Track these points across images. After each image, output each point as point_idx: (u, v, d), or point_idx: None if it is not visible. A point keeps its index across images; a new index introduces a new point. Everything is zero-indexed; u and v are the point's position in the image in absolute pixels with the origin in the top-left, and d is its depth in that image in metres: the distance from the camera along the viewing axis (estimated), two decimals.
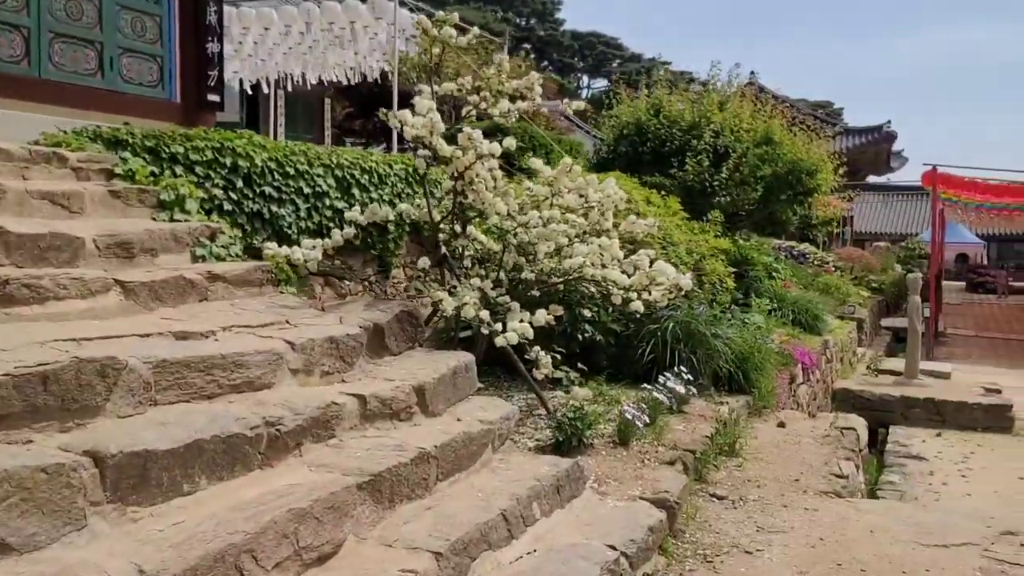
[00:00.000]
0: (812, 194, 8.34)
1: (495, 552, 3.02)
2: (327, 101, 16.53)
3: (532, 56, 28.98)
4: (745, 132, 10.48)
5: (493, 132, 5.85)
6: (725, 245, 9.52)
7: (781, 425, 6.09)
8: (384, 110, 5.41)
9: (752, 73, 39.80)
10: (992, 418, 10.58)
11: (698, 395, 5.68)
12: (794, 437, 5.78)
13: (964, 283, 41.79)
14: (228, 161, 5.08)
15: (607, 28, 70.47)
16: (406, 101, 6.55)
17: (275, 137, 12.59)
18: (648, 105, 12.10)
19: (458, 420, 3.73)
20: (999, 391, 11.63)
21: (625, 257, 4.95)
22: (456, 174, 5.01)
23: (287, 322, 3.82)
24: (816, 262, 20.97)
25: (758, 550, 3.88)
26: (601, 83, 70.66)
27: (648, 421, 4.75)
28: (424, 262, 5.26)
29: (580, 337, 5.54)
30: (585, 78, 67.66)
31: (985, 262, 48.19)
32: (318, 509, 2.63)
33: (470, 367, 4.24)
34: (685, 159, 10.70)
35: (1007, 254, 50.66)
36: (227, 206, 5.03)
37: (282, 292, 4.67)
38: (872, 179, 43.82)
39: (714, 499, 4.53)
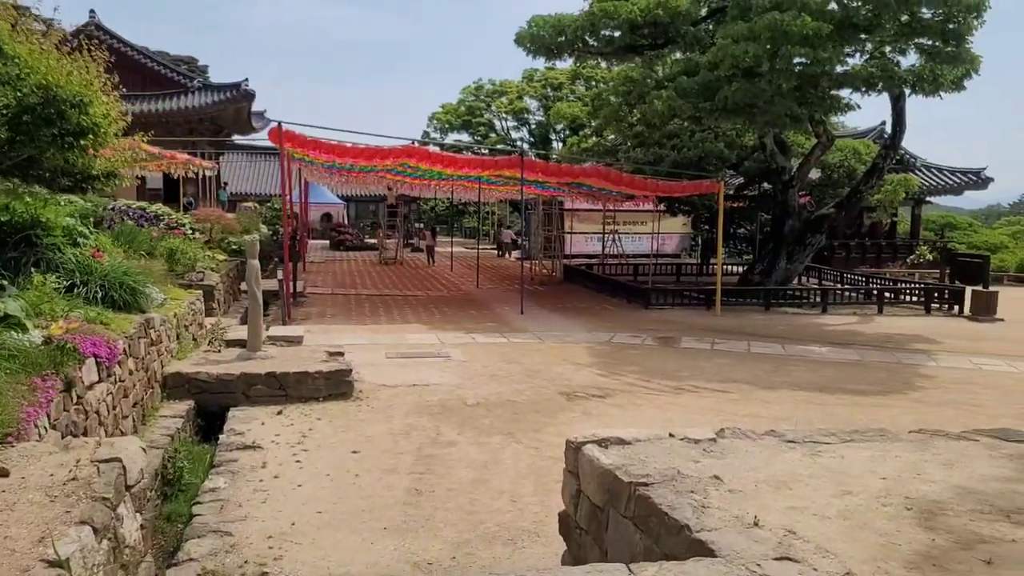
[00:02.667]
0: (87, 135, 6.24)
1: None
2: None
3: None
4: None
5: None
6: None
7: (3, 474, 3.98)
8: None
9: (91, 12, 35.55)
10: (333, 385, 10.06)
11: None
12: (13, 494, 3.74)
13: (328, 241, 44.46)
14: None
15: None
16: None
17: None
18: None
19: None
20: (342, 354, 11.31)
21: None
22: None
23: None
24: (170, 225, 18.94)
25: None
26: None
27: None
28: None
29: None
30: None
31: (346, 221, 52.22)
32: None
33: None
34: None
35: (364, 213, 55.94)
36: None
37: None
38: (239, 139, 43.23)
39: None
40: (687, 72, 17.00)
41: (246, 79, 35.79)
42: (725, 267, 29.99)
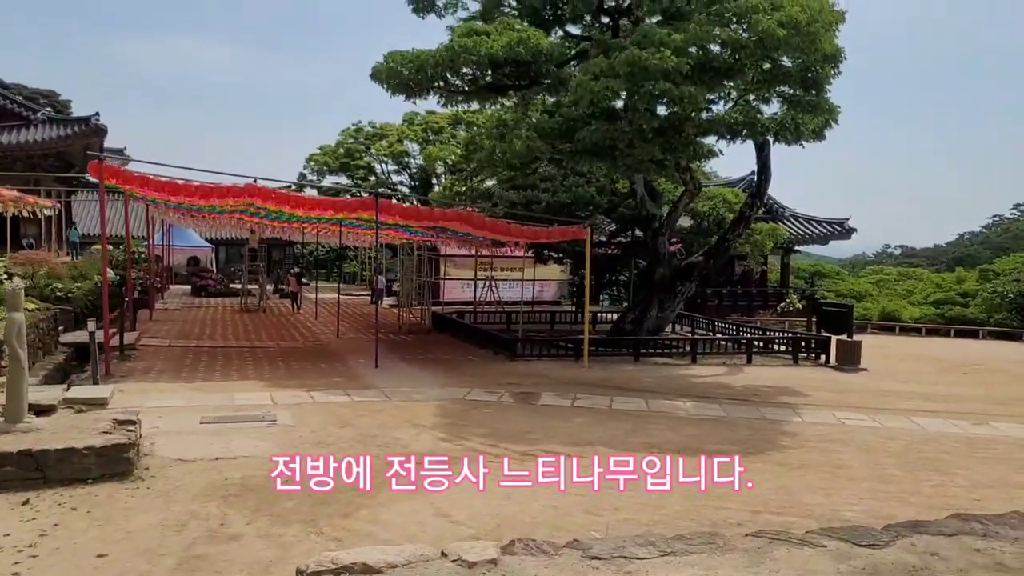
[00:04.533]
0: None
1: None
2: None
3: None
4: None
5: None
6: None
7: None
8: None
9: None
10: (108, 463, 8.34)
11: None
12: None
13: (191, 286, 41.61)
14: None
15: None
16: None
17: None
18: None
19: None
20: (133, 422, 9.58)
21: None
22: None
23: None
24: None
25: None
26: None
27: None
28: None
29: None
30: None
31: (213, 265, 49.23)
32: None
33: None
34: None
35: (234, 257, 52.95)
36: None
37: None
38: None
39: None
40: (549, 112, 16.24)
41: (97, 113, 33.21)
42: (603, 315, 29.48)
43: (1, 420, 8.81)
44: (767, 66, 16.92)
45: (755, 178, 22.17)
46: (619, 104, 15.96)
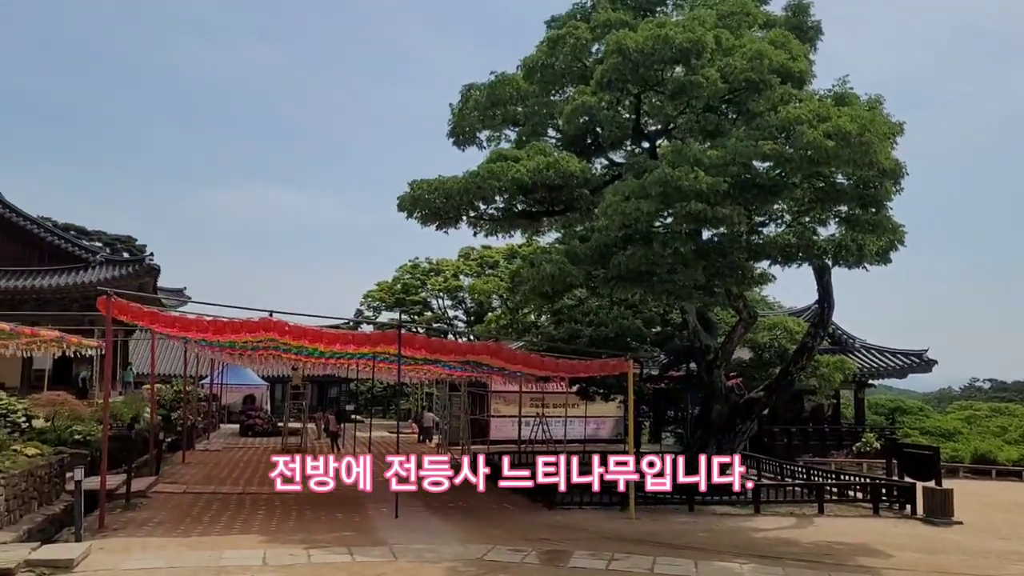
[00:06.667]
0: None
1: None
2: None
3: None
4: None
5: None
6: None
7: None
8: None
9: None
10: None
11: None
12: None
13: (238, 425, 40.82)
14: None
15: None
16: None
17: None
18: None
19: None
20: None
21: None
22: None
23: None
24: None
25: None
26: None
27: None
28: None
29: None
30: None
31: (268, 404, 48.62)
32: None
33: None
34: None
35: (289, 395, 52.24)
36: None
37: None
38: None
39: None
40: (582, 238, 15.11)
41: (150, 253, 33.80)
42: (660, 456, 27.18)
43: None
44: (820, 184, 15.62)
45: (818, 307, 20.41)
46: (658, 226, 14.75)
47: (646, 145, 18.73)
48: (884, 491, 19.26)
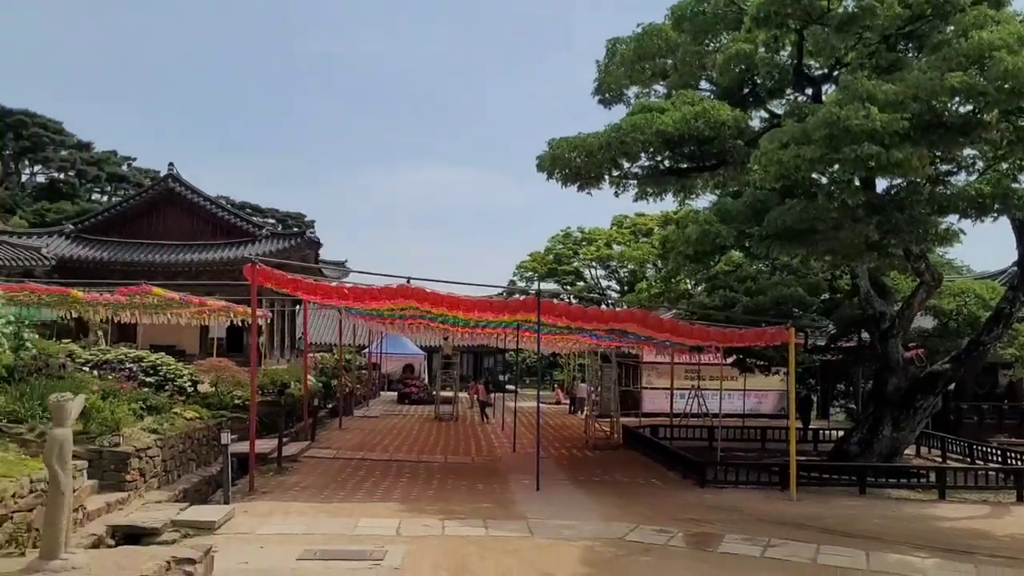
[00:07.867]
0: None
1: None
2: None
3: None
4: None
5: None
6: None
7: None
8: None
9: (170, 165, 36.21)
10: None
11: None
12: None
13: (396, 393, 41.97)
14: None
15: (43, 109, 60.89)
16: None
17: None
18: None
19: None
20: (192, 561, 8.08)
21: None
22: None
23: None
24: (130, 376, 16.85)
25: None
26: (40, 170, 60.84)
27: None
28: None
29: None
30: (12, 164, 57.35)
31: (425, 373, 49.70)
32: None
33: None
34: None
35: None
36: None
37: None
38: None
39: None
40: (734, 194, 13.73)
41: (312, 227, 35.03)
42: (828, 432, 25.22)
43: (35, 557, 7.58)
44: (1021, 123, 13.35)
45: (1017, 268, 17.87)
46: (821, 176, 13.15)
47: (810, 92, 16.89)
48: None
